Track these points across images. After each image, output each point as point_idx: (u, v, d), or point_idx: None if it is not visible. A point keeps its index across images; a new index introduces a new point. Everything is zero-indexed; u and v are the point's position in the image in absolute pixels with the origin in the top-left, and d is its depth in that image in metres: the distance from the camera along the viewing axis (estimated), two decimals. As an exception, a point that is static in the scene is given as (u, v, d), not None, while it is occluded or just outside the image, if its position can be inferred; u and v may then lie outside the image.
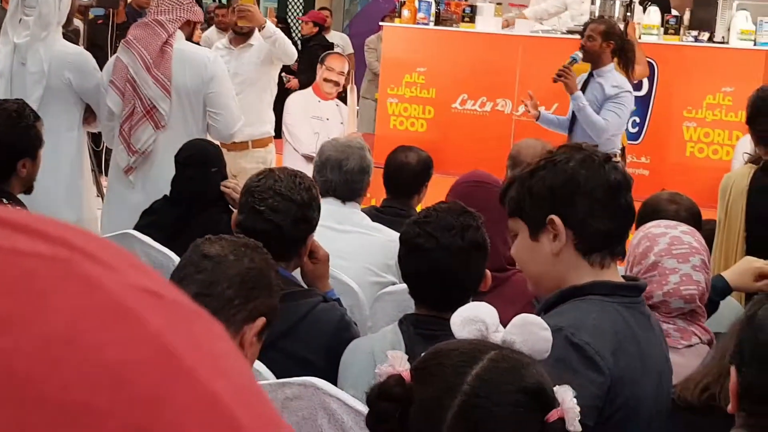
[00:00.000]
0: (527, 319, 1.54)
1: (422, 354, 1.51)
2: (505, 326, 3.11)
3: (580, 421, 1.90)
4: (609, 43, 6.23)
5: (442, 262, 2.56)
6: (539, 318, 1.56)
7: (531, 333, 1.51)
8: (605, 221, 2.09)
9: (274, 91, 6.42)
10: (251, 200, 2.84)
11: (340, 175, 3.75)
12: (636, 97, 7.85)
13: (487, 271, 2.66)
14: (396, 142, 4.58)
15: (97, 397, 0.42)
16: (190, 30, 5.20)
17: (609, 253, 2.12)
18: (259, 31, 6.06)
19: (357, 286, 3.46)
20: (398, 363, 1.47)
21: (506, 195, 2.17)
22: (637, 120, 7.98)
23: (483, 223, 2.65)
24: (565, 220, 2.06)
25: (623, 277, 2.17)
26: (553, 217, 2.06)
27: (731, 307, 3.05)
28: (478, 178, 3.45)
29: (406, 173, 4.18)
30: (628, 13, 8.02)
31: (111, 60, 5.13)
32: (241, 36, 6.29)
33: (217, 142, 4.96)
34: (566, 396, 1.43)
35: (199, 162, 4.08)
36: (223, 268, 2.10)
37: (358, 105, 9.16)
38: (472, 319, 1.52)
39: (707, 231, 3.86)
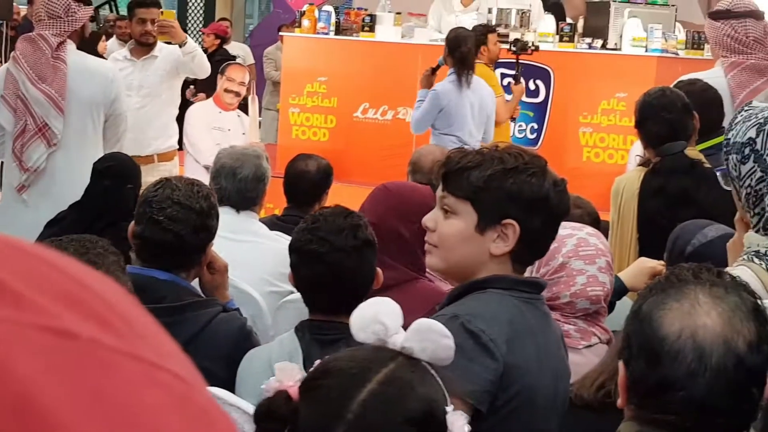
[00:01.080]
0: (428, 325, 1.49)
1: (316, 363, 1.48)
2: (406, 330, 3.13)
3: (474, 406, 1.94)
4: (450, 51, 6.76)
5: (339, 264, 2.58)
6: (441, 325, 1.52)
7: (431, 341, 1.47)
8: (548, 242, 2.15)
9: (178, 103, 6.35)
10: (149, 210, 2.80)
11: (234, 184, 3.72)
12: (532, 103, 8.01)
13: (378, 270, 2.69)
14: (298, 152, 4.58)
15: None
16: (78, 38, 5.11)
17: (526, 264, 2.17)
18: (180, 47, 5.98)
19: (258, 295, 3.45)
20: (287, 377, 1.44)
21: (463, 174, 2.09)
22: (535, 126, 8.13)
23: (366, 224, 2.67)
24: (521, 229, 2.05)
25: (543, 276, 2.21)
26: (514, 223, 2.05)
27: (628, 308, 3.12)
28: (394, 184, 3.46)
29: (306, 181, 4.18)
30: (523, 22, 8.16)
31: (1, 72, 4.99)
32: (144, 47, 6.15)
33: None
34: (456, 422, 1.42)
35: (117, 175, 4.01)
36: None
37: (260, 116, 9.12)
38: (371, 320, 1.48)
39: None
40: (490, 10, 8.37)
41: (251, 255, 3.62)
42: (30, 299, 0.39)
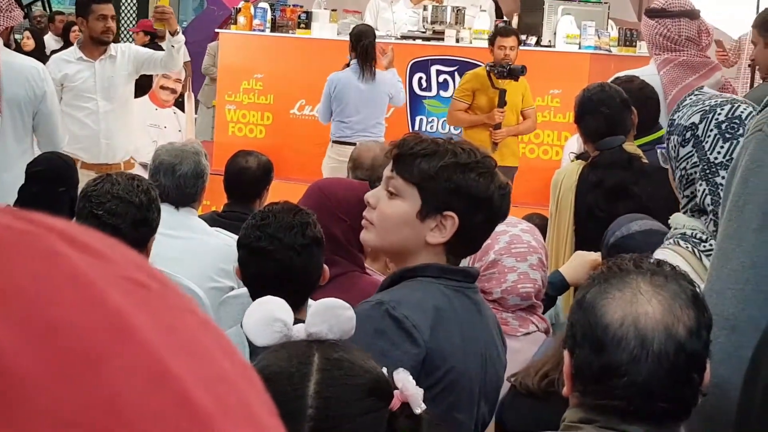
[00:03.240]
0: (326, 303, 1.51)
1: None
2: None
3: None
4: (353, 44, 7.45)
5: (288, 261, 2.59)
6: (335, 299, 1.54)
7: (335, 317, 1.49)
8: (483, 239, 2.19)
9: (132, 102, 6.08)
10: (89, 205, 2.79)
11: (173, 180, 3.69)
12: (446, 98, 8.11)
13: (325, 266, 2.72)
14: (235, 149, 4.56)
15: (24, 349, 0.41)
16: (7, 36, 5.02)
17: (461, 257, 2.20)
18: (173, 35, 5.66)
19: (201, 291, 3.44)
20: None
21: (416, 159, 2.09)
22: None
23: (315, 221, 2.69)
24: (460, 223, 2.08)
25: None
26: (454, 216, 2.07)
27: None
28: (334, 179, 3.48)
29: (247, 177, 4.17)
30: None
31: None
32: (99, 46, 5.75)
33: (74, 160, 4.77)
34: (406, 380, 1.45)
35: (47, 178, 3.92)
36: None
37: (196, 112, 9.07)
38: (268, 321, 1.49)
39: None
40: (425, 8, 8.42)
41: (192, 251, 3.60)
42: (111, 257, 0.47)
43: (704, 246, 2.30)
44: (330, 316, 1.49)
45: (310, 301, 1.52)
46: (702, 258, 2.28)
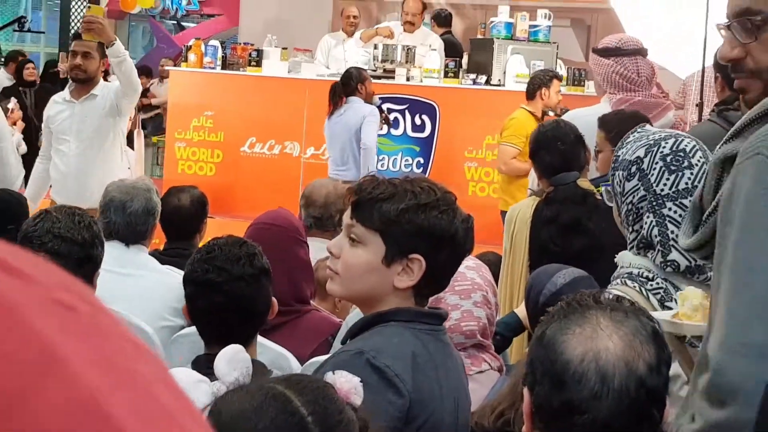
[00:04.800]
0: (228, 353, 1.58)
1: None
2: (301, 361, 3.11)
3: None
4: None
5: (237, 292, 2.56)
6: (233, 345, 1.60)
7: (241, 361, 1.55)
8: (450, 276, 2.15)
9: (121, 145, 5.68)
10: (29, 246, 2.70)
11: (124, 217, 3.63)
12: (419, 138, 8.09)
13: (274, 299, 2.68)
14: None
15: None
16: None
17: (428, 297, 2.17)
18: (107, 47, 5.25)
19: (151, 329, 3.38)
20: None
21: (375, 204, 2.06)
22: (421, 160, 8.21)
23: (261, 252, 2.67)
24: (427, 264, 2.04)
25: (429, 307, 2.20)
26: (420, 258, 2.03)
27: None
28: (272, 220, 3.46)
29: (182, 215, 4.12)
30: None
31: None
32: (82, 86, 5.51)
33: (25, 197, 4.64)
34: (338, 377, 1.49)
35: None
36: None
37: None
38: (193, 382, 1.53)
39: (487, 263, 3.99)
40: (376, 46, 8.45)
41: (142, 289, 3.55)
42: (36, 278, 0.44)
43: (651, 285, 2.30)
44: (237, 361, 1.53)
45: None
46: (650, 297, 2.28)
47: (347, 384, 1.49)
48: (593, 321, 1.62)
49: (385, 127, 7.81)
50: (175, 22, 14.45)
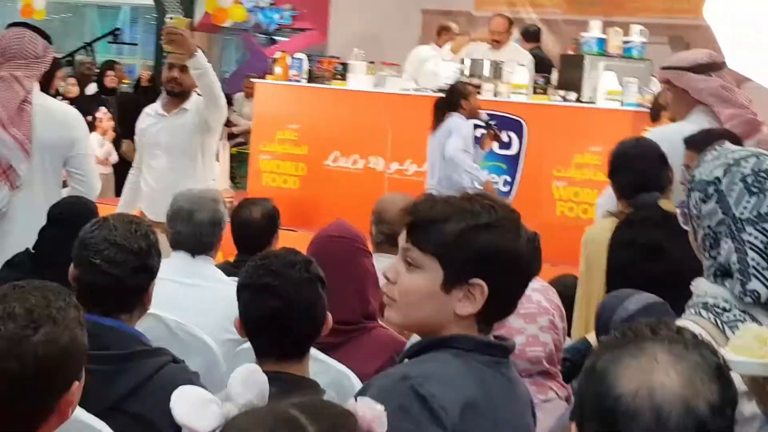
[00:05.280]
0: (244, 373, 1.49)
1: None
2: (364, 380, 3.01)
3: None
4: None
5: (293, 297, 2.51)
6: (251, 364, 1.51)
7: (258, 382, 1.47)
8: (516, 300, 2.00)
9: (211, 161, 5.60)
10: (86, 253, 2.68)
11: (190, 227, 3.61)
12: (505, 155, 7.95)
13: (329, 314, 2.61)
14: (269, 200, 4.47)
15: None
16: (51, 83, 4.97)
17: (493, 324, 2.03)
18: (189, 58, 5.10)
19: (213, 342, 3.32)
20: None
21: (431, 226, 1.93)
22: (508, 179, 8.06)
23: (329, 267, 2.64)
24: (490, 289, 1.91)
25: (495, 336, 2.06)
26: (482, 283, 1.90)
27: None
28: (336, 232, 3.38)
29: (252, 228, 4.09)
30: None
31: None
32: (174, 99, 5.43)
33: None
34: (366, 406, 1.37)
35: (66, 222, 3.79)
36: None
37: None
38: (199, 405, 1.45)
39: (562, 286, 3.85)
40: (462, 61, 8.35)
41: (207, 301, 3.51)
42: None
43: (727, 316, 2.11)
44: (254, 382, 1.45)
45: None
46: (725, 329, 2.10)
47: (370, 413, 1.38)
48: (649, 353, 1.47)
49: (495, 144, 7.69)
50: (268, 36, 14.56)
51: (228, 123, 10.63)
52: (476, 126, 7.61)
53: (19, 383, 1.80)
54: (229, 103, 12.12)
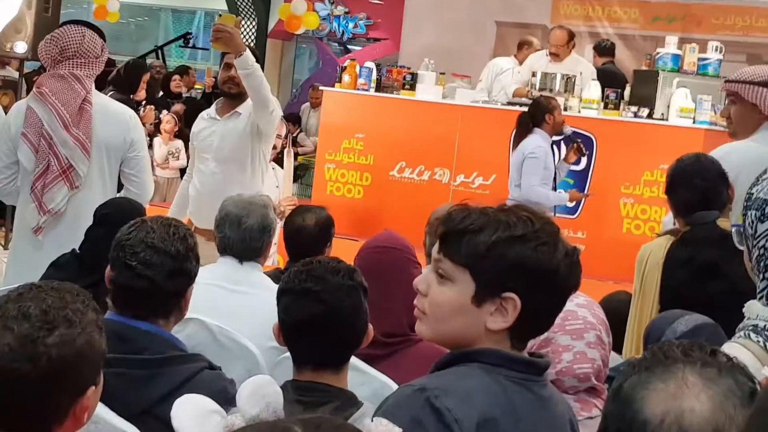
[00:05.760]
0: (256, 383, 1.40)
1: None
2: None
3: None
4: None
5: (335, 304, 2.46)
6: (263, 376, 1.43)
7: (268, 395, 1.38)
8: (553, 317, 1.93)
9: (264, 171, 5.41)
10: (122, 255, 2.64)
11: (238, 233, 3.57)
12: (574, 171, 7.82)
13: (370, 326, 2.55)
14: (333, 209, 4.39)
15: None
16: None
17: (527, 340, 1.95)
18: (235, 58, 4.95)
19: (256, 350, 3.28)
20: None
21: (464, 237, 1.86)
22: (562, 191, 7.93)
23: (377, 278, 2.60)
24: (523, 304, 1.84)
25: (530, 353, 1.98)
26: (515, 297, 1.83)
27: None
28: (385, 242, 3.31)
29: (305, 236, 4.02)
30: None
31: (19, 107, 4.78)
32: (230, 102, 5.28)
33: (145, 207, 4.61)
34: (377, 426, 1.32)
35: (113, 222, 3.78)
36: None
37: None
38: (202, 415, 1.39)
39: (616, 302, 3.74)
40: (534, 74, 8.24)
41: (252, 307, 3.46)
42: None
43: None
44: (264, 394, 1.38)
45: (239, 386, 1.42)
46: None
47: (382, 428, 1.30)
48: (679, 376, 1.39)
49: (581, 159, 7.58)
50: (342, 45, 14.59)
51: (294, 142, 10.68)
52: (559, 141, 7.53)
53: (32, 385, 1.76)
54: (297, 122, 12.21)
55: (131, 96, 8.37)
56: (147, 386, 2.58)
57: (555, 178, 7.18)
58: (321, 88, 9.25)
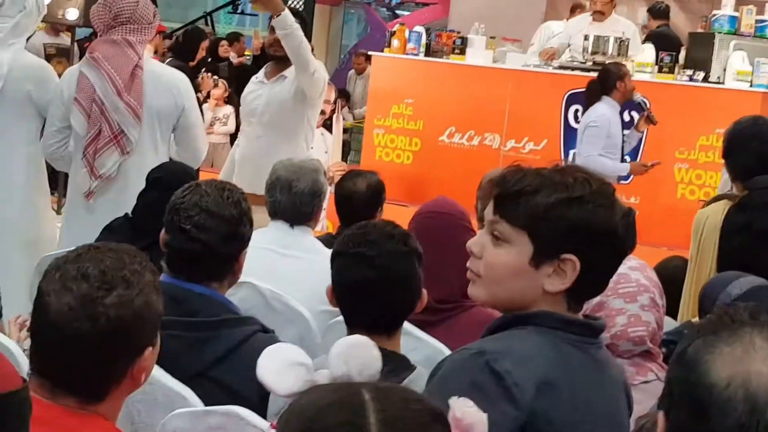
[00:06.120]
0: (351, 342, 1.34)
1: (284, 425, 1.24)
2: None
3: None
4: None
5: (388, 269, 2.44)
6: (361, 336, 1.36)
7: (361, 356, 1.31)
8: (609, 279, 1.92)
9: (309, 136, 5.34)
10: (176, 218, 2.64)
11: (289, 197, 3.57)
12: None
13: (424, 291, 2.53)
14: (382, 174, 4.38)
15: None
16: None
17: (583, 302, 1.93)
18: (274, 17, 4.95)
19: (308, 314, 3.28)
20: None
21: (521, 199, 1.83)
22: (628, 159, 7.82)
23: (431, 244, 2.56)
24: (582, 265, 1.83)
25: (583, 315, 1.96)
26: (574, 258, 1.82)
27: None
28: (439, 208, 3.29)
29: (356, 201, 4.01)
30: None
31: (71, 73, 4.78)
32: (276, 65, 5.22)
33: (196, 169, 4.61)
34: (465, 406, 1.25)
35: (165, 186, 3.79)
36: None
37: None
38: (287, 365, 1.32)
39: (673, 269, 3.69)
40: (586, 37, 8.13)
41: (303, 272, 3.47)
42: None
43: None
44: (355, 356, 1.32)
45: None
46: None
47: (468, 417, 1.25)
48: (746, 339, 1.35)
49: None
50: (390, 10, 14.53)
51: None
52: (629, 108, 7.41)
53: (91, 345, 1.76)
54: (346, 96, 12.11)
55: (189, 63, 8.41)
56: (201, 349, 2.59)
57: (623, 148, 7.02)
58: (370, 53, 9.20)
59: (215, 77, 9.94)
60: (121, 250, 1.87)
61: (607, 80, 6.82)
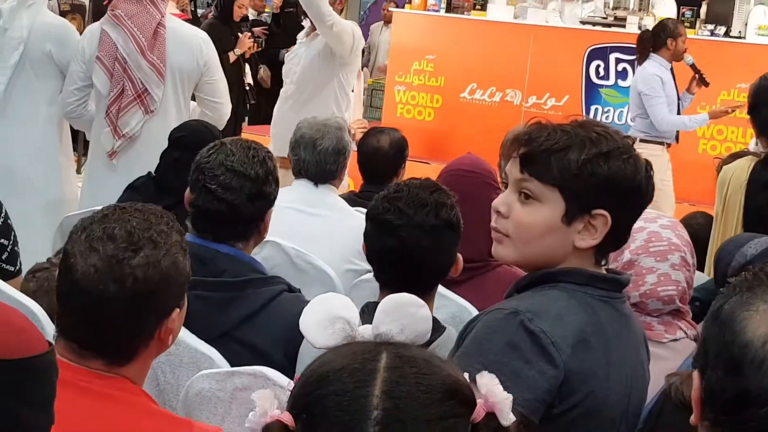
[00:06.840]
0: (397, 300, 1.30)
1: (295, 381, 1.23)
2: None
3: (524, 416, 1.71)
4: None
5: (413, 240, 2.39)
6: (410, 295, 1.32)
7: (408, 315, 1.27)
8: (630, 231, 1.92)
9: (342, 100, 5.25)
10: (201, 178, 2.60)
11: (313, 155, 3.54)
12: (624, 87, 7.67)
13: (459, 256, 2.49)
14: (403, 131, 4.36)
15: None
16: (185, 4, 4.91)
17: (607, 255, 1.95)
18: None
19: (333, 273, 3.27)
20: (268, 405, 1.20)
21: (551, 156, 1.82)
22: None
23: (457, 203, 2.48)
24: (612, 220, 1.83)
25: (606, 269, 1.96)
26: (606, 214, 1.82)
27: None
28: (466, 166, 3.26)
29: (380, 157, 4.00)
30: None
31: (93, 31, 4.74)
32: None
33: (219, 129, 4.60)
34: (491, 384, 1.21)
35: (188, 145, 3.75)
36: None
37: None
38: (330, 319, 1.28)
39: (695, 226, 3.66)
40: (607, -8, 8.06)
41: (328, 230, 3.45)
42: None
43: None
44: (402, 314, 1.28)
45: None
46: None
47: (495, 395, 1.21)
48: None
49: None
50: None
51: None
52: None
53: (118, 306, 1.74)
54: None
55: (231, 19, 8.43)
56: (227, 309, 2.57)
57: (679, 106, 6.89)
58: (391, 9, 9.15)
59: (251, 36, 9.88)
60: (148, 211, 1.85)
61: (659, 35, 6.63)
